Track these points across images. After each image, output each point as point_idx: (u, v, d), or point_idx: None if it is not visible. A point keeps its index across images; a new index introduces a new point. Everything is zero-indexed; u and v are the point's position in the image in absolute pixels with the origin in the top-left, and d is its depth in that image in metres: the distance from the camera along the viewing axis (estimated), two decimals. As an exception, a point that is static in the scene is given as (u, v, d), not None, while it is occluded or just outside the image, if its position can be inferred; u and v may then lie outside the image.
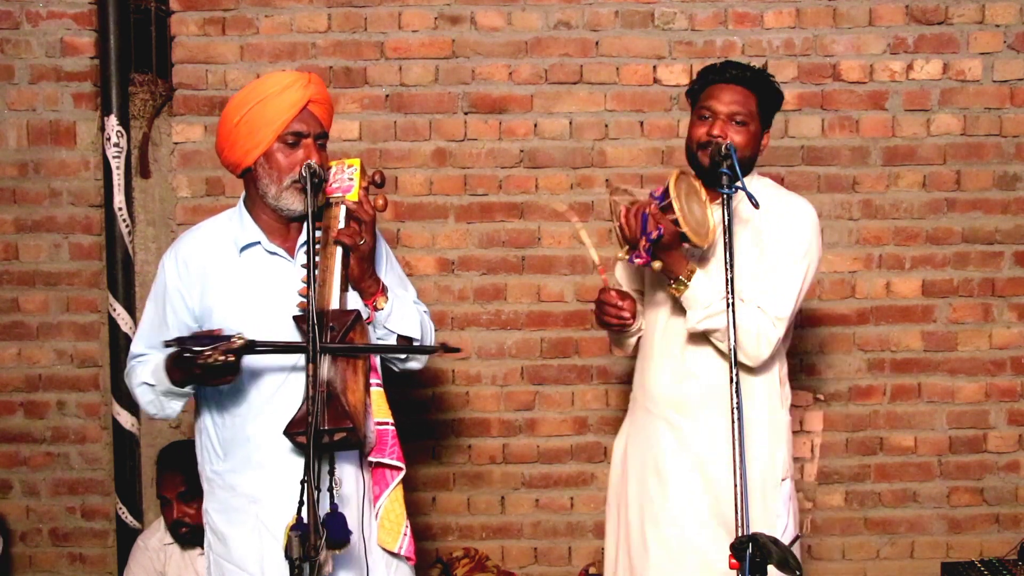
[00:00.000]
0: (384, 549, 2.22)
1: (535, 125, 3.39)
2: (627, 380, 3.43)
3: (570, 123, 3.39)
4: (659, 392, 2.40)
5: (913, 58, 3.36)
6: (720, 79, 2.31)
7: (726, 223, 2.05)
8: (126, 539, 3.28)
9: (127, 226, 3.32)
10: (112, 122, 3.28)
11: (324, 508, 1.98)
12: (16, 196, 3.37)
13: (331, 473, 1.98)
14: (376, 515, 2.22)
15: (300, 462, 2.01)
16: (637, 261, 2.18)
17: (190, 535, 2.94)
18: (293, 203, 2.15)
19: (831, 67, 3.37)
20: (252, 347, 1.97)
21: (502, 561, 3.46)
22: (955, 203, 3.41)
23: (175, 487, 2.93)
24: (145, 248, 3.42)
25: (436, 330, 3.34)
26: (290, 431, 2.03)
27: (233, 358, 1.94)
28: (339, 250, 2.12)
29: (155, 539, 3.03)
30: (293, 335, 2.10)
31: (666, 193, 2.15)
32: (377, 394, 2.20)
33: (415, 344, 2.28)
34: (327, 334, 2.00)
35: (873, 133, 3.38)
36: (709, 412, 2.30)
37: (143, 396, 2.23)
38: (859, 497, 3.47)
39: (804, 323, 3.40)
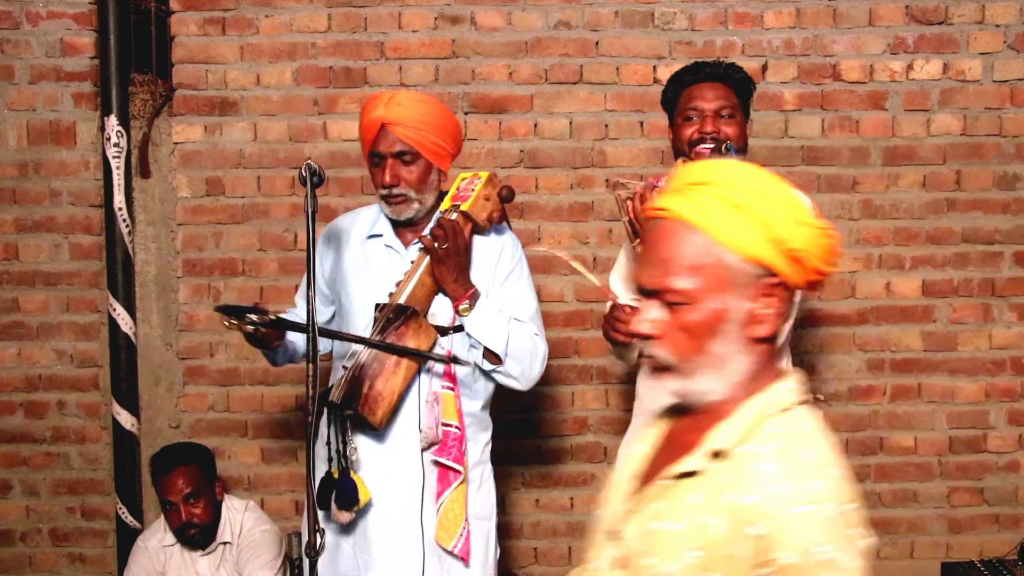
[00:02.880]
0: (440, 546, 2.29)
1: (535, 125, 3.39)
2: (627, 380, 3.44)
3: (570, 123, 3.39)
4: (662, 396, 2.39)
5: (913, 58, 3.36)
6: (696, 79, 2.34)
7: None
8: (126, 539, 3.27)
9: (127, 226, 3.32)
10: (112, 122, 3.27)
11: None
12: (16, 196, 3.37)
13: (344, 442, 2.23)
14: (437, 511, 2.29)
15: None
16: None
17: (199, 536, 2.92)
18: (388, 212, 2.36)
19: (831, 67, 3.37)
20: (267, 324, 2.18)
21: (502, 561, 3.46)
22: (955, 203, 3.41)
23: (179, 490, 2.90)
24: (145, 248, 3.42)
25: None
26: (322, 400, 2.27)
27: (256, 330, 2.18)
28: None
29: (155, 539, 3.02)
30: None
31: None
32: (447, 397, 2.30)
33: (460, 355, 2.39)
34: (380, 323, 2.24)
35: (873, 133, 3.38)
36: None
37: None
38: (859, 497, 3.46)
39: (804, 323, 3.39)
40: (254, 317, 2.14)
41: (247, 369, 3.42)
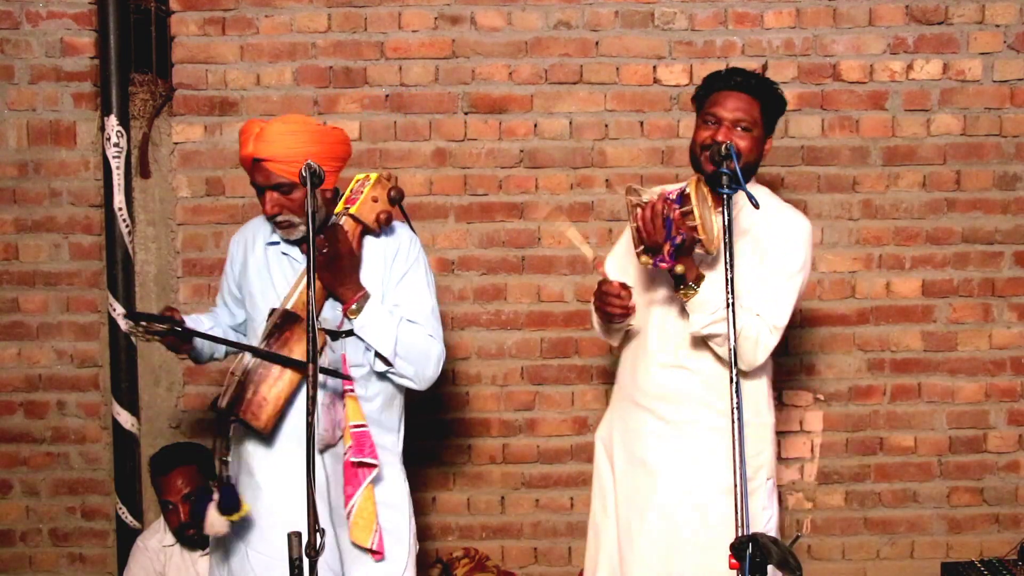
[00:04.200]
0: (357, 545, 2.32)
1: (535, 125, 3.39)
2: (627, 380, 3.44)
3: (570, 123, 3.39)
4: (650, 386, 2.43)
5: (913, 58, 3.36)
6: (725, 86, 2.35)
7: (726, 224, 2.06)
8: (126, 539, 3.28)
9: (127, 226, 3.32)
10: (112, 122, 3.27)
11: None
12: (16, 196, 3.37)
13: (226, 447, 2.28)
14: (349, 514, 2.31)
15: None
16: (662, 266, 2.24)
17: (199, 536, 2.92)
18: (280, 234, 2.38)
19: (831, 67, 3.37)
20: (174, 333, 2.28)
21: (502, 561, 3.46)
22: (955, 203, 3.41)
23: (179, 490, 2.91)
24: (145, 248, 3.42)
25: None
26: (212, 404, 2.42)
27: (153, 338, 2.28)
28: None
29: (155, 540, 3.03)
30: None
31: (683, 198, 2.18)
32: (349, 400, 2.33)
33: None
34: (267, 329, 2.29)
35: (873, 133, 3.38)
36: (698, 406, 2.37)
37: None
38: (859, 497, 3.47)
39: (804, 323, 3.40)
40: (162, 326, 2.26)
41: (247, 369, 3.42)
